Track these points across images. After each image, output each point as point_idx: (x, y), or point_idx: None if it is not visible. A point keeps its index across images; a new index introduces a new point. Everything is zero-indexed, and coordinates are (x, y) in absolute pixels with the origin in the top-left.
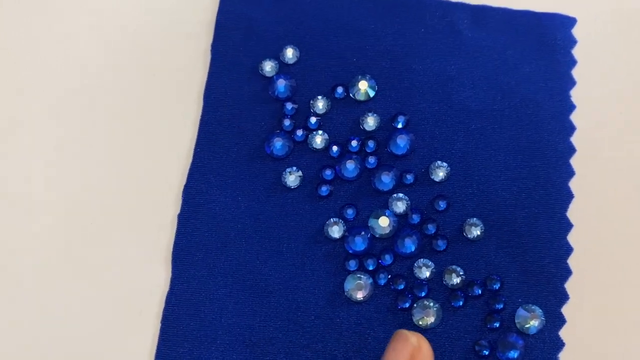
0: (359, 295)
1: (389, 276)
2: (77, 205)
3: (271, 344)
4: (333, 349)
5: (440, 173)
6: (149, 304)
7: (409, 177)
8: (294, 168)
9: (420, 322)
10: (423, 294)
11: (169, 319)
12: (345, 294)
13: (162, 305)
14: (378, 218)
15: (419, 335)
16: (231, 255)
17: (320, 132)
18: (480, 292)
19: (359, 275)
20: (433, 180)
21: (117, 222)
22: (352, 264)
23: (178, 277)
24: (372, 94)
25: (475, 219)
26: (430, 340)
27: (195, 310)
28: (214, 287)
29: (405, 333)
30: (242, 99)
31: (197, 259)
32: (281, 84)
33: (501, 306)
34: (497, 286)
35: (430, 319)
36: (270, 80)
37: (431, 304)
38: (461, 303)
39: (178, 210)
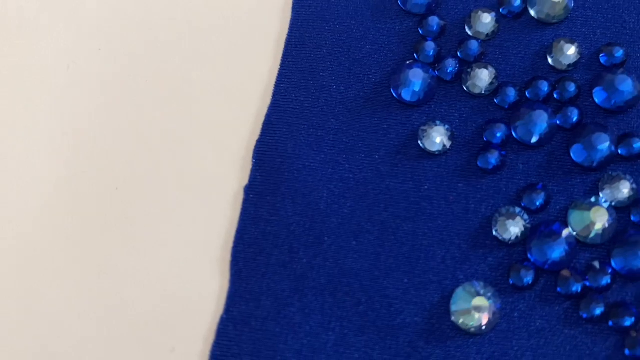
0: (483, 322)
1: (604, 306)
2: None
3: None
4: None
5: None
6: (190, 334)
7: (636, 144)
8: (438, 122)
9: None
10: None
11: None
12: (453, 318)
13: (209, 337)
14: (587, 210)
15: None
16: (329, 256)
17: (485, 65)
18: None
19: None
20: None
21: (150, 208)
22: (527, 276)
23: (236, 290)
24: (566, 11)
25: None
26: None
27: (267, 344)
28: (297, 307)
29: None
30: (351, 11)
31: (271, 260)
32: None
33: None
34: None
35: None
36: None
37: None
38: None
39: (245, 182)
